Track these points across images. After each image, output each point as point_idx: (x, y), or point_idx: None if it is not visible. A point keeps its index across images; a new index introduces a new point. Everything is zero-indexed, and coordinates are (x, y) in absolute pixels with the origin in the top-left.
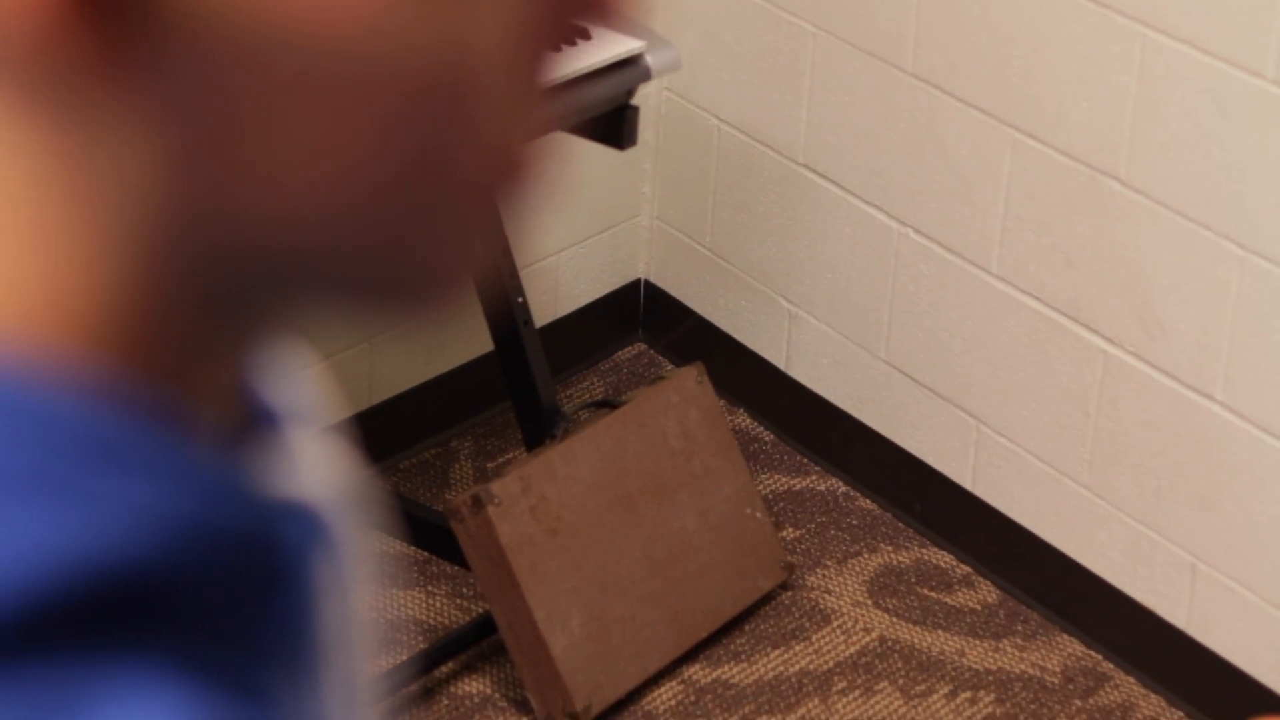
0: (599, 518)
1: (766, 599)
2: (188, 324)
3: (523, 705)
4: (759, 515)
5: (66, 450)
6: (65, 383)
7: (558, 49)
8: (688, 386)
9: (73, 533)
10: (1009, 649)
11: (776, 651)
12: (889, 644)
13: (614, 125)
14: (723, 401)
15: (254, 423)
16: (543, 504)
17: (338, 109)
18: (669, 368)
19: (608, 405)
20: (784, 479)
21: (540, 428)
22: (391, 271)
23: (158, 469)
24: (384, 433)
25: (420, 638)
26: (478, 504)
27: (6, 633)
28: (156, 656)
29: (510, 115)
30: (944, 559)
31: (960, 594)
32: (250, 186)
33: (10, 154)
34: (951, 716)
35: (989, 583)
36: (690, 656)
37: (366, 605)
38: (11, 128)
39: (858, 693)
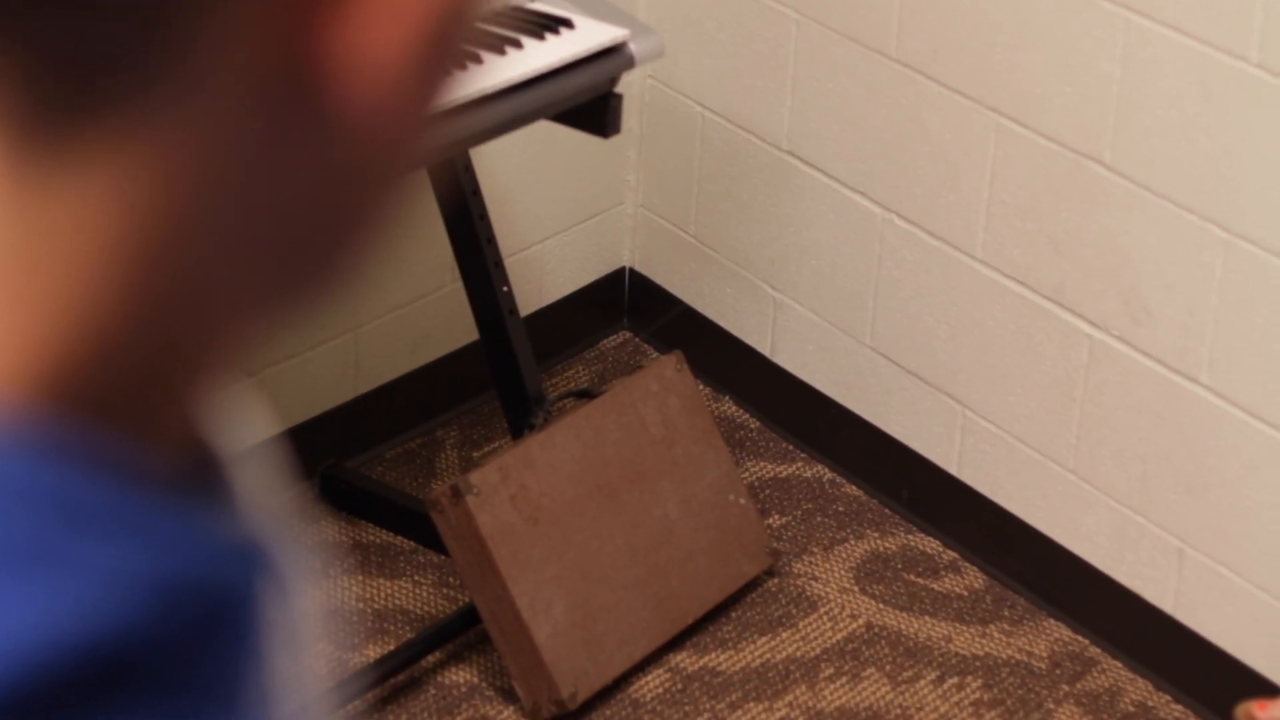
0: (580, 506)
1: (753, 586)
2: (147, 369)
3: (510, 694)
4: (742, 502)
5: (39, 516)
6: (27, 442)
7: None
8: (667, 375)
9: (54, 605)
10: (996, 634)
11: (763, 639)
12: (876, 630)
13: (598, 113)
14: (708, 389)
15: (201, 463)
16: (523, 493)
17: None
18: (653, 355)
19: (587, 395)
20: (770, 466)
21: (526, 416)
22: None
23: (128, 527)
24: (370, 422)
25: (407, 627)
26: (457, 494)
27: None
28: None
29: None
30: (930, 545)
31: (947, 580)
32: (213, 233)
33: None
34: (939, 702)
35: (975, 568)
36: (677, 644)
37: (315, 638)
38: None
39: (845, 679)
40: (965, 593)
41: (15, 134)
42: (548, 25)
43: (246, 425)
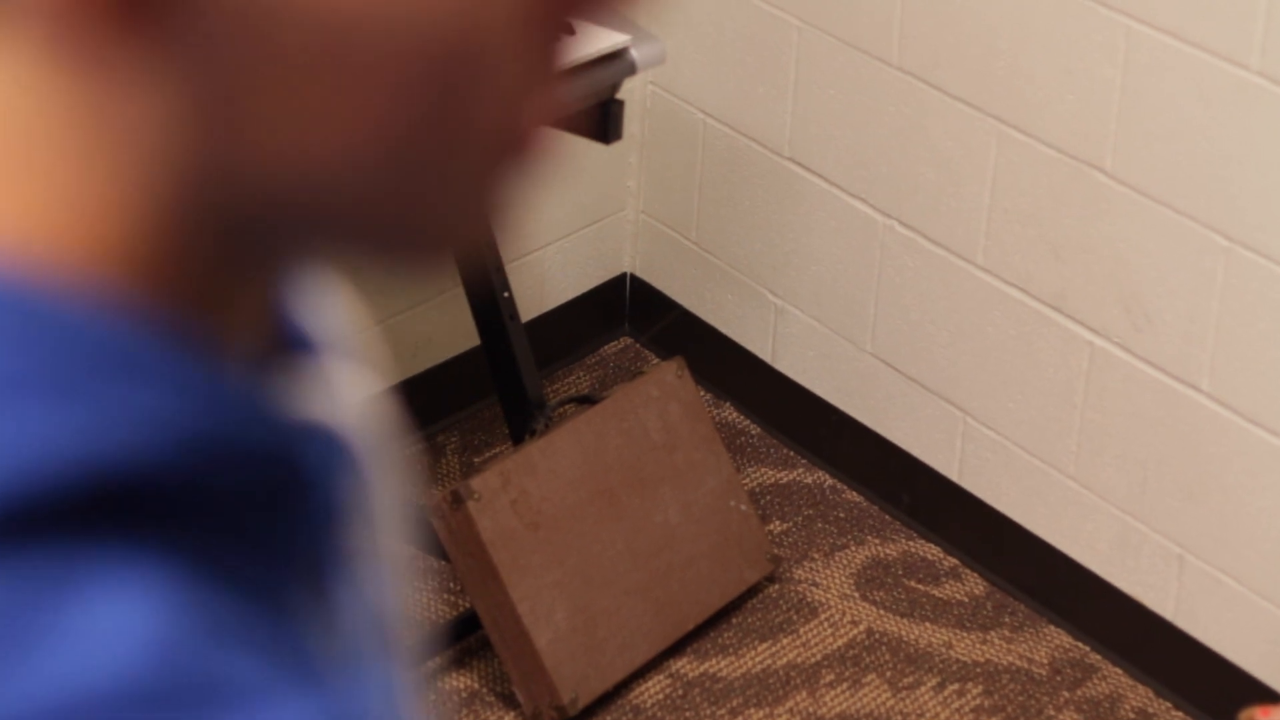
0: (581, 511)
1: (754, 592)
2: (210, 258)
3: (510, 699)
4: (743, 508)
5: (78, 356)
6: (87, 296)
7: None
8: (668, 381)
9: (76, 433)
10: (996, 641)
11: (764, 644)
12: (877, 636)
13: (599, 119)
14: (709, 395)
15: (286, 349)
16: (523, 498)
17: (346, 77)
18: (654, 361)
19: (588, 401)
20: (771, 472)
21: (527, 422)
22: (402, 228)
23: (169, 380)
24: None
25: (406, 632)
26: (457, 500)
27: (3, 520)
28: (154, 548)
29: (522, 90)
30: (931, 551)
31: (947, 586)
32: (259, 145)
33: (43, 93)
34: (939, 709)
35: (976, 575)
36: (678, 650)
37: (397, 536)
38: (43, 72)
39: (845, 685)
40: (966, 599)
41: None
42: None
43: (350, 339)
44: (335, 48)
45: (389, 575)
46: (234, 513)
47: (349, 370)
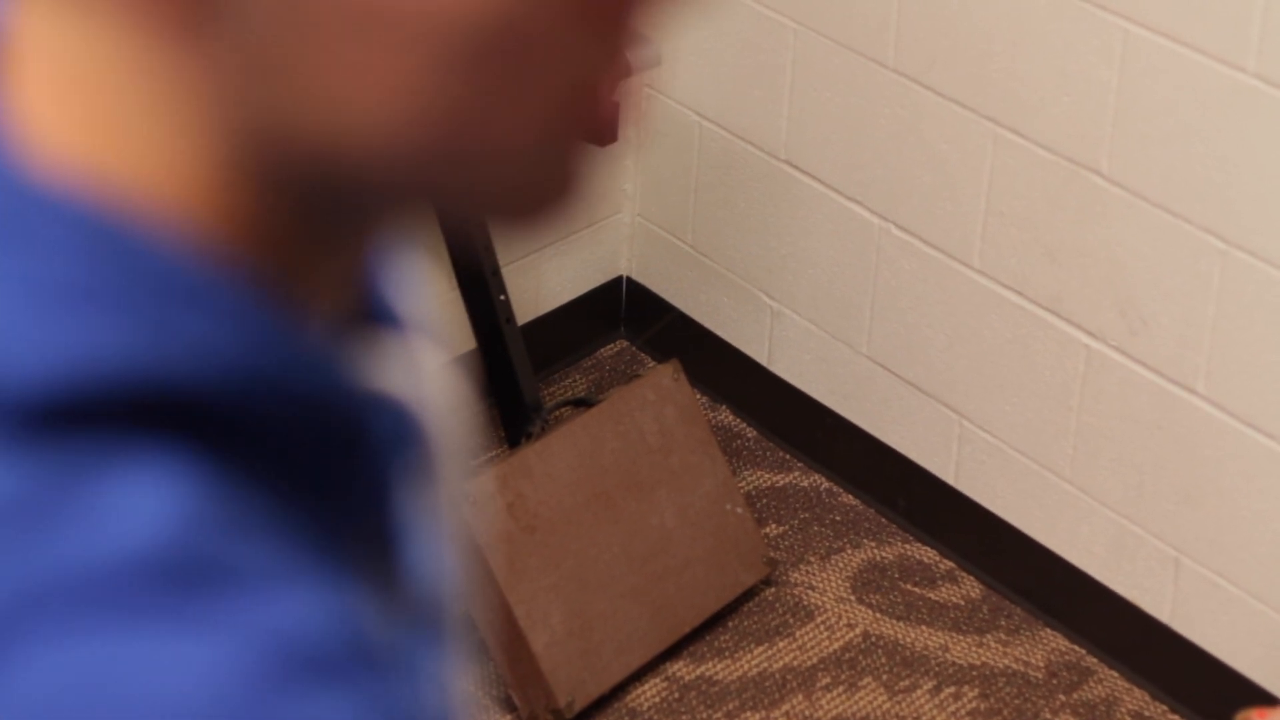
0: (577, 515)
1: (750, 595)
2: (283, 216)
3: (506, 703)
4: (739, 511)
5: (143, 277)
6: (161, 230)
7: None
8: (664, 384)
9: (128, 345)
10: (993, 644)
11: (760, 648)
12: (873, 640)
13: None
14: (705, 398)
15: (369, 319)
16: (520, 502)
17: (394, 39)
18: (650, 364)
19: (584, 404)
20: (767, 475)
21: (522, 425)
22: (469, 196)
23: (231, 315)
24: None
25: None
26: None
27: (34, 410)
28: (192, 452)
29: (587, 63)
30: (927, 554)
31: (944, 589)
32: (310, 105)
33: (112, 49)
34: (935, 712)
35: (972, 578)
36: (674, 653)
37: (456, 514)
38: (109, 30)
39: (842, 689)
40: (962, 602)
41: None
42: None
43: (434, 321)
44: (384, 6)
45: (446, 549)
46: (287, 448)
47: (424, 347)
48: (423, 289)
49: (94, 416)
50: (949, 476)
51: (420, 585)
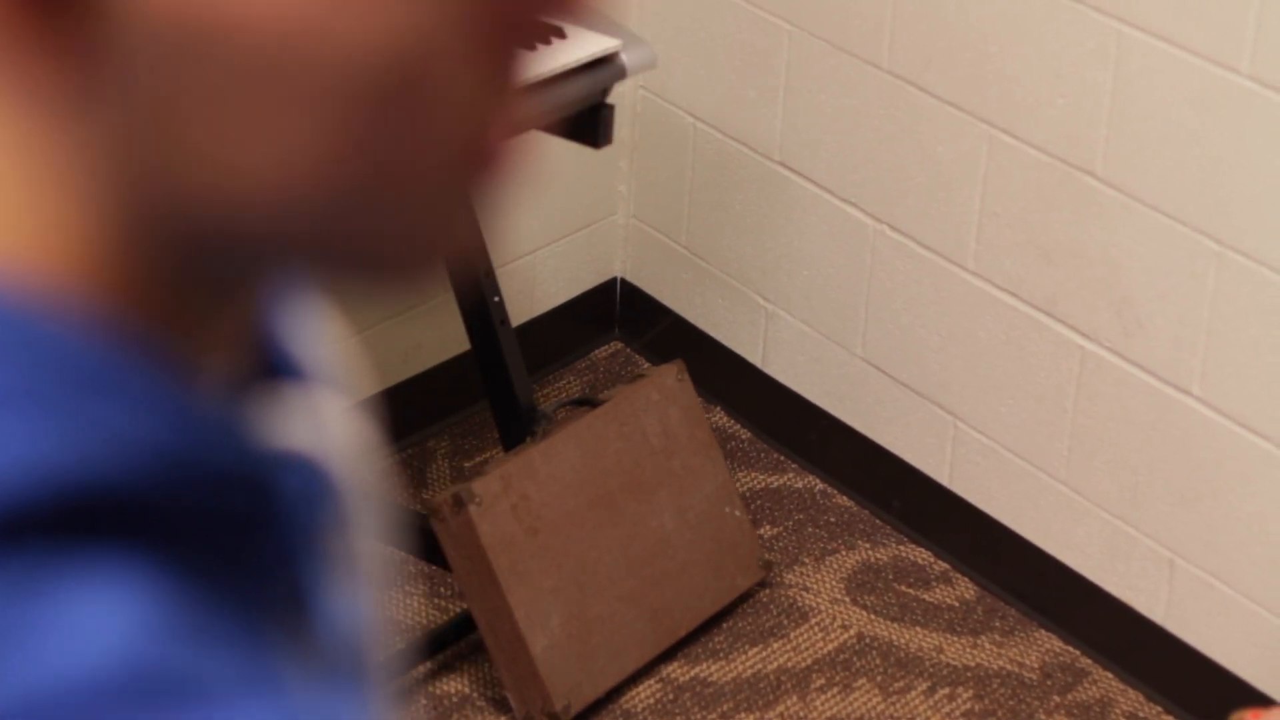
0: (579, 517)
1: (744, 596)
2: (174, 279)
3: (501, 704)
4: (738, 514)
5: (51, 371)
6: (59, 312)
7: (529, 47)
8: (668, 384)
9: (50, 447)
10: (987, 645)
11: (755, 649)
12: (867, 641)
13: (589, 124)
14: (700, 399)
15: (268, 375)
16: (524, 503)
17: (282, 96)
18: (646, 366)
19: (588, 403)
20: (761, 477)
21: (517, 427)
22: (363, 249)
23: (141, 398)
24: None
25: (398, 637)
26: (459, 503)
27: None
28: (131, 556)
29: (478, 109)
30: (922, 556)
31: (938, 590)
32: (201, 165)
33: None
34: (930, 713)
35: (967, 579)
36: (669, 655)
37: (374, 564)
38: None
39: (836, 690)
40: (956, 603)
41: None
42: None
43: (338, 366)
44: (271, 67)
45: (365, 598)
46: (209, 530)
47: (329, 396)
48: (322, 335)
49: (31, 530)
50: (943, 478)
51: (339, 639)
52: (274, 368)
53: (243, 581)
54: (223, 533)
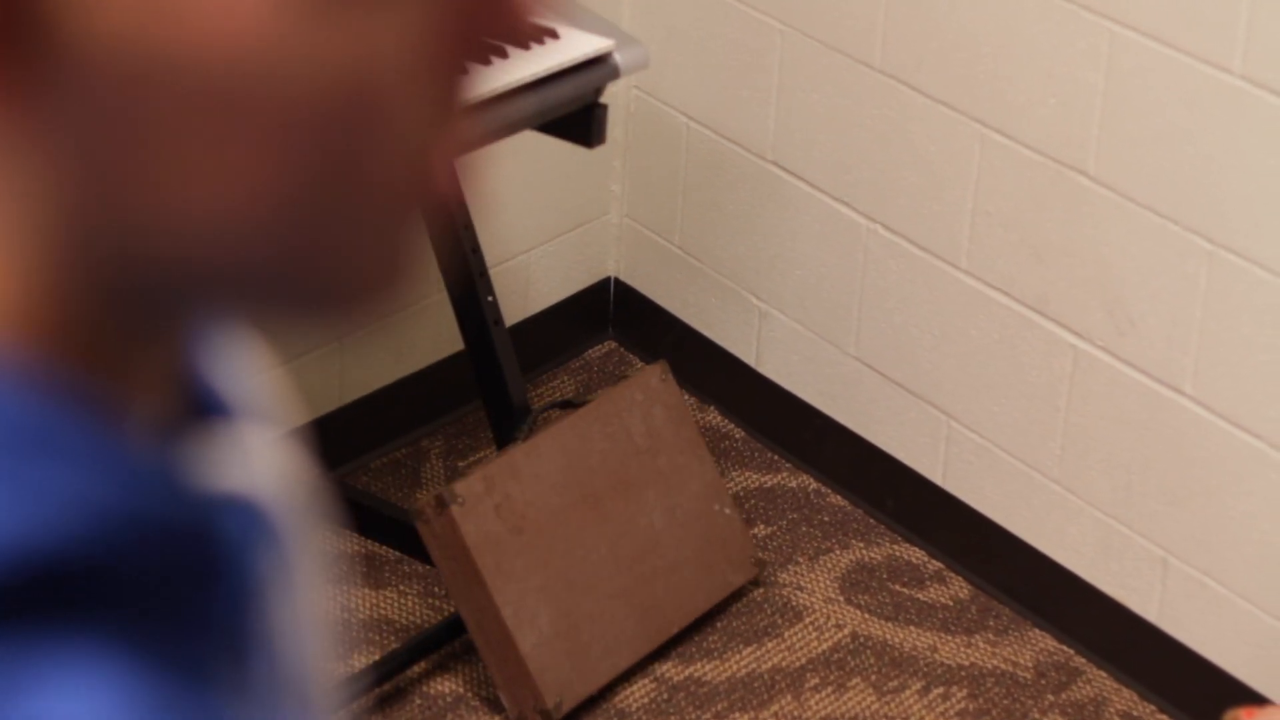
0: (565, 516)
1: (738, 596)
2: (109, 320)
3: (495, 704)
4: (728, 511)
5: None
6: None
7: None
8: (652, 385)
9: (3, 519)
10: (981, 644)
11: (749, 648)
12: (861, 640)
13: (583, 123)
14: (693, 399)
15: (199, 415)
16: (507, 503)
17: (231, 128)
18: (639, 365)
19: (571, 405)
20: (755, 476)
21: (511, 427)
22: (312, 280)
23: (86, 458)
24: (355, 432)
25: (392, 637)
26: (441, 504)
27: None
28: (92, 634)
29: (423, 132)
30: (915, 555)
31: (932, 590)
32: (148, 200)
33: None
34: (924, 712)
35: (961, 578)
36: (662, 654)
37: (318, 600)
38: None
39: (830, 689)
40: (950, 603)
41: None
42: (532, 35)
43: (268, 401)
44: (214, 102)
45: (308, 637)
46: (157, 587)
47: (262, 433)
48: (248, 368)
49: None
50: (937, 477)
51: (285, 674)
52: (202, 405)
53: (192, 635)
54: (170, 588)
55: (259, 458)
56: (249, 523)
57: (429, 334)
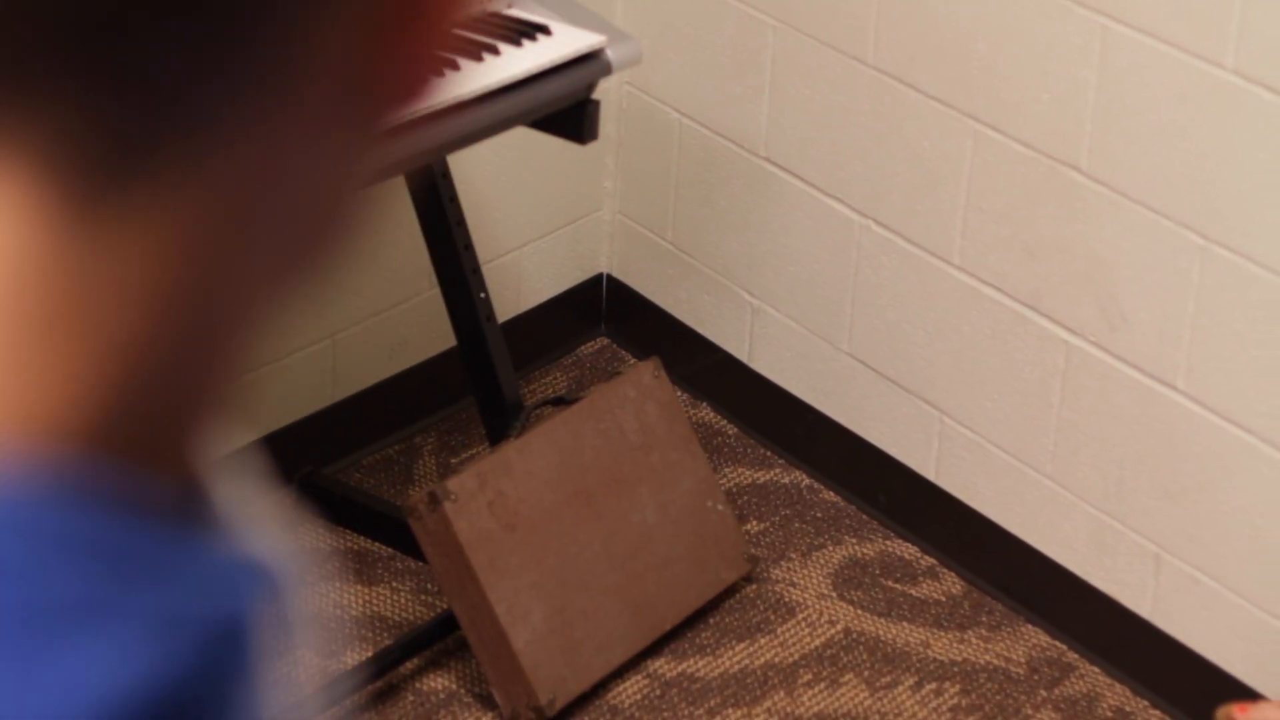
0: (558, 512)
1: (731, 592)
2: (154, 420)
3: (488, 700)
4: (720, 508)
5: (82, 566)
6: (61, 490)
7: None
8: (644, 381)
9: (115, 656)
10: (974, 640)
11: (742, 644)
12: (854, 636)
13: (575, 120)
14: (686, 395)
15: (194, 487)
16: (500, 499)
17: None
18: (631, 362)
19: (564, 402)
20: (748, 472)
21: (504, 423)
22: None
23: (175, 571)
24: (348, 428)
25: (385, 634)
26: (434, 501)
27: None
28: None
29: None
30: (908, 551)
31: (925, 585)
32: (231, 304)
33: (20, 254)
34: (917, 708)
35: (953, 574)
36: (655, 650)
37: (303, 641)
38: (23, 230)
39: (823, 685)
40: (943, 598)
41: (65, 188)
42: (525, 32)
43: (224, 436)
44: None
45: (302, 694)
46: (208, 692)
47: (240, 487)
48: (230, 433)
49: None
50: (929, 473)
51: None
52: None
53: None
54: (215, 684)
55: (239, 510)
56: (257, 589)
57: (421, 330)
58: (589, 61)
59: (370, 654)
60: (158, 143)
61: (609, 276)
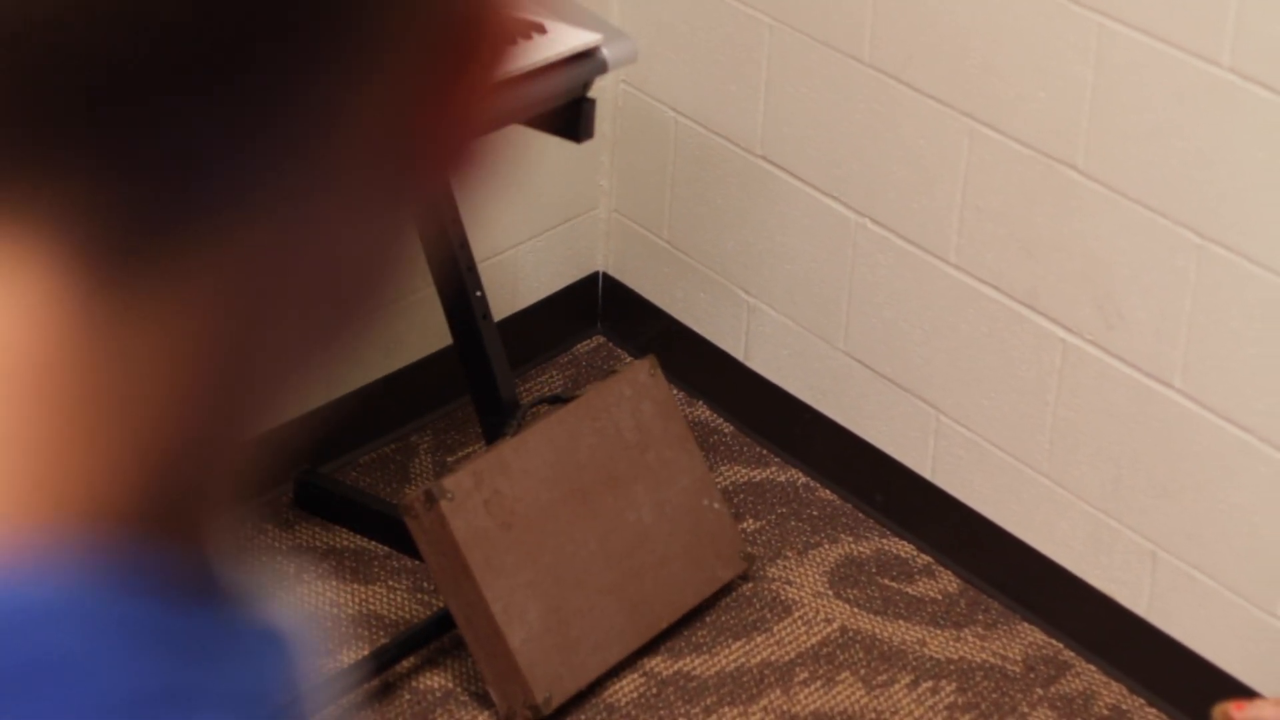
0: (554, 511)
1: (727, 590)
2: (190, 481)
3: (484, 699)
4: (717, 506)
5: (159, 654)
6: (109, 575)
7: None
8: (640, 379)
9: None
10: (970, 638)
11: (738, 643)
12: (850, 634)
13: (571, 118)
14: (682, 393)
15: (220, 561)
16: (496, 498)
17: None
18: (627, 360)
19: (559, 400)
20: (744, 470)
21: (500, 421)
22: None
23: (228, 648)
24: (344, 427)
25: (381, 632)
26: (430, 499)
27: None
28: None
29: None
30: (904, 549)
31: (921, 584)
32: (257, 384)
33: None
34: (913, 706)
35: (950, 572)
36: (651, 648)
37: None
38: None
39: (819, 683)
40: (939, 597)
41: (89, 266)
42: (520, 30)
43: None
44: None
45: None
46: None
47: (262, 568)
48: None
49: None
50: (926, 471)
51: None
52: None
53: None
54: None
55: (272, 592)
56: (278, 649)
57: (417, 329)
58: (585, 60)
59: (366, 652)
60: (187, 218)
61: (605, 275)
